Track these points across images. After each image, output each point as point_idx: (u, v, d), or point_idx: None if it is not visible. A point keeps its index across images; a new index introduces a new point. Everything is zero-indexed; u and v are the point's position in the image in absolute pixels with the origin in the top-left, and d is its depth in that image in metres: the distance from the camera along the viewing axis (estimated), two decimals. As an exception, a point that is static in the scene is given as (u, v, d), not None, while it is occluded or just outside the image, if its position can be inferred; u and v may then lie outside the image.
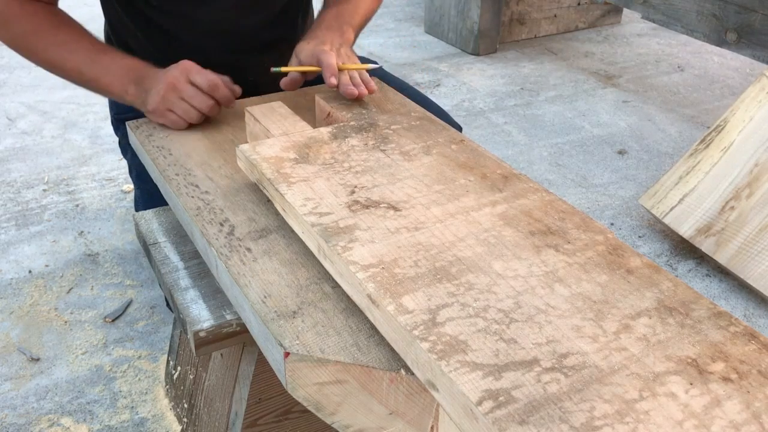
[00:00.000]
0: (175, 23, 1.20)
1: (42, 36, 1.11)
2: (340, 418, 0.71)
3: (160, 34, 1.23)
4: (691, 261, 1.76)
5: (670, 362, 0.61)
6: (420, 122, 1.02)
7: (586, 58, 3.03)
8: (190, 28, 1.21)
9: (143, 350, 1.46)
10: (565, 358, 0.61)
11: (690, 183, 1.74)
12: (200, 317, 0.88)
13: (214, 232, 0.85)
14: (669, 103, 2.62)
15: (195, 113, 1.06)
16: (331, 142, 0.95)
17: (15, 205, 1.93)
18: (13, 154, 2.18)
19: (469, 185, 0.86)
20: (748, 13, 2.04)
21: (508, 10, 3.08)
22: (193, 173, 0.98)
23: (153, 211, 1.08)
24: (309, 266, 0.80)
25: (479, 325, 0.65)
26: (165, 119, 1.07)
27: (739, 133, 1.72)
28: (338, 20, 1.20)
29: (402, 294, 0.68)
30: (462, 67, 2.90)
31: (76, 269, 1.68)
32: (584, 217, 0.81)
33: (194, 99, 1.05)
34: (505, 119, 2.47)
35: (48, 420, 1.30)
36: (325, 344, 0.69)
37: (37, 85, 2.63)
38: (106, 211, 1.91)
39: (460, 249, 0.75)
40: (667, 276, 0.72)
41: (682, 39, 3.23)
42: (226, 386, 1.06)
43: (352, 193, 0.84)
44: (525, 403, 0.57)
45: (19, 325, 1.51)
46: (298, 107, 1.15)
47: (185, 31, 1.21)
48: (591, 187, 2.07)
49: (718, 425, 0.56)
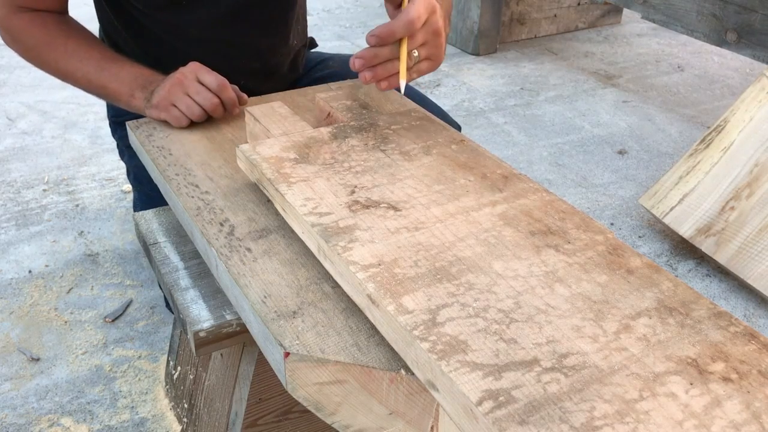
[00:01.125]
0: (166, 29, 1.20)
1: (53, 47, 1.11)
2: (340, 418, 0.71)
3: (151, 40, 1.22)
4: (691, 261, 1.76)
5: (670, 362, 0.61)
6: (420, 122, 1.02)
7: (586, 58, 3.03)
8: (180, 34, 1.20)
9: (143, 350, 1.46)
10: (565, 358, 0.61)
11: (690, 183, 1.74)
12: (200, 317, 0.88)
13: (214, 232, 0.85)
14: (669, 103, 2.62)
15: (198, 110, 1.05)
16: (331, 142, 0.95)
17: (15, 205, 1.93)
18: (13, 154, 2.18)
19: (469, 185, 0.86)
20: (748, 13, 2.04)
21: (508, 10, 3.08)
22: (193, 173, 0.98)
23: (153, 211, 1.07)
24: (309, 266, 0.80)
25: (479, 325, 0.65)
26: (168, 114, 1.06)
27: (739, 133, 1.72)
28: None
29: (402, 294, 0.68)
30: (462, 67, 2.90)
31: (76, 269, 1.68)
32: (584, 217, 0.81)
33: (199, 95, 1.05)
34: (505, 119, 2.47)
35: (48, 420, 1.30)
36: (325, 344, 0.69)
37: (37, 85, 2.63)
38: (106, 211, 1.91)
39: (460, 249, 0.75)
40: (667, 276, 0.72)
41: (682, 39, 3.23)
42: (226, 386, 1.06)
43: (352, 193, 0.84)
44: (525, 403, 0.57)
45: (19, 325, 1.51)
46: (298, 107, 1.15)
47: (176, 38, 1.21)
48: (591, 187, 2.07)
49: (718, 425, 0.56)
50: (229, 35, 1.21)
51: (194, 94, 1.04)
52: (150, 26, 1.19)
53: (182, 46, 1.21)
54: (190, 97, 1.05)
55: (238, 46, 1.23)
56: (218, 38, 1.21)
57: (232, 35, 1.22)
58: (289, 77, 1.37)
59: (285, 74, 1.35)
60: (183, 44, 1.21)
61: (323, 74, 1.38)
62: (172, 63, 1.09)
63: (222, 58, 1.23)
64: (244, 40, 1.23)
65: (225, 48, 1.23)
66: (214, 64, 1.22)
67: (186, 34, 1.19)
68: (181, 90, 1.05)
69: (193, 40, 1.20)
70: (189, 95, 1.05)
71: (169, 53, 1.21)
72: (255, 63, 1.27)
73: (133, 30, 1.21)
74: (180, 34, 1.19)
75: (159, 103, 1.06)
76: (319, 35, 3.07)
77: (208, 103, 1.05)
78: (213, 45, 1.22)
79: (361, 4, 3.63)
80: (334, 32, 3.28)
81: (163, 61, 1.21)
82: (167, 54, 1.21)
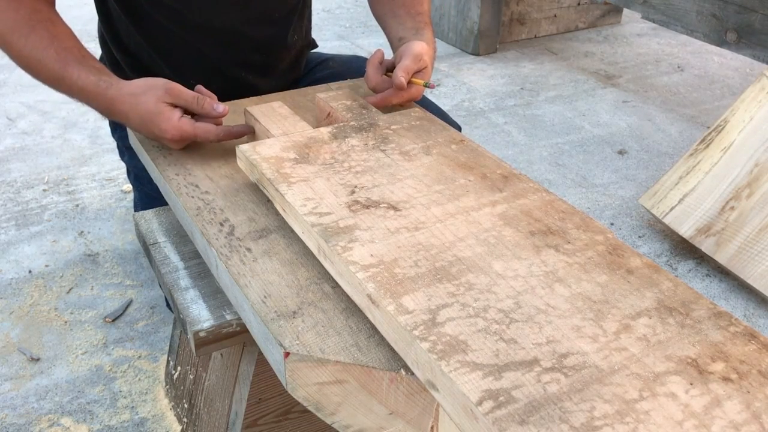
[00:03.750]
0: (168, 15, 1.20)
1: (16, 35, 1.03)
2: (340, 418, 0.71)
3: (153, 27, 1.22)
4: (691, 261, 1.76)
5: (670, 362, 0.61)
6: (420, 122, 1.02)
7: (586, 58, 3.03)
8: (181, 20, 1.20)
9: (143, 350, 1.46)
10: (565, 358, 0.61)
11: (690, 183, 1.74)
12: (200, 317, 0.88)
13: (214, 232, 0.85)
14: (669, 103, 2.62)
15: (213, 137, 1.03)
16: (331, 142, 0.95)
17: (15, 205, 1.93)
18: (13, 154, 2.18)
19: (469, 185, 0.86)
20: (748, 13, 2.04)
21: (508, 10, 3.08)
22: (193, 173, 0.98)
23: (153, 211, 1.07)
24: (309, 266, 0.80)
25: (479, 325, 0.65)
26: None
27: (739, 133, 1.72)
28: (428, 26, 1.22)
29: (402, 294, 0.68)
30: (462, 67, 2.90)
31: (76, 269, 1.68)
32: (584, 217, 0.81)
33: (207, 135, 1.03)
34: (505, 119, 2.47)
35: (48, 420, 1.30)
36: (325, 344, 0.69)
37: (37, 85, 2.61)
38: (106, 211, 1.91)
39: (460, 249, 0.75)
40: (667, 276, 0.72)
41: (682, 39, 3.23)
42: (226, 386, 1.06)
43: (352, 193, 0.84)
44: (525, 403, 0.57)
45: (19, 325, 1.51)
46: (298, 107, 1.15)
47: (177, 24, 1.21)
48: (591, 187, 2.07)
49: (718, 425, 0.56)
50: (230, 23, 1.21)
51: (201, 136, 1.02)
52: (152, 12, 1.19)
53: (184, 34, 1.21)
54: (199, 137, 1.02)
55: (238, 36, 1.23)
56: (219, 26, 1.21)
57: (233, 23, 1.22)
58: (289, 75, 1.37)
59: (285, 71, 1.36)
60: (184, 32, 1.20)
61: (324, 74, 1.38)
62: (174, 53, 1.08)
63: (223, 48, 1.23)
64: (244, 29, 1.23)
65: (226, 37, 1.23)
66: (214, 53, 1.22)
67: (188, 20, 1.19)
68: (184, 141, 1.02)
69: (194, 26, 1.20)
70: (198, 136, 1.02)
71: (171, 41, 1.21)
72: (255, 55, 1.27)
73: (135, 16, 1.21)
74: (182, 21, 1.19)
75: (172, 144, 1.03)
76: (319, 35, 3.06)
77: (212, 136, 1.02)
78: (214, 33, 1.22)
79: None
80: (334, 32, 3.28)
81: (164, 49, 1.22)
82: (168, 42, 1.21)
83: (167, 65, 1.23)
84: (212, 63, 1.25)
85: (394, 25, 1.23)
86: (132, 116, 0.99)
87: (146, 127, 0.99)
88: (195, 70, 1.23)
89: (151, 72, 1.18)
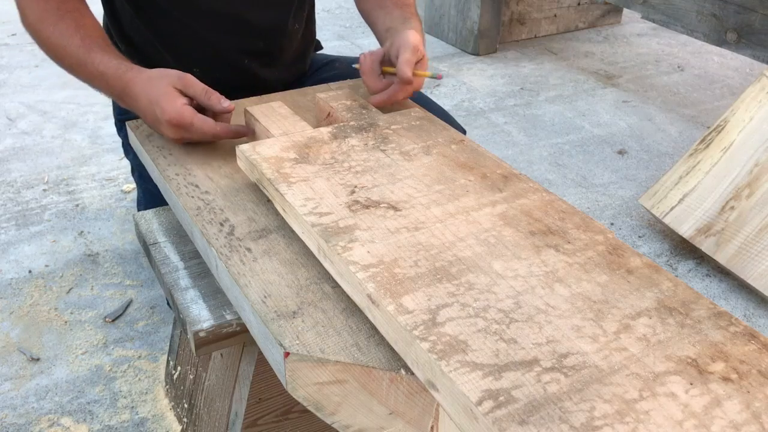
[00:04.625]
0: (172, 1, 1.20)
1: (45, 24, 1.09)
2: (340, 418, 0.71)
3: (157, 14, 1.22)
4: (691, 261, 1.76)
5: (670, 362, 0.61)
6: (420, 122, 1.02)
7: (586, 58, 3.03)
8: (185, 5, 1.21)
9: (143, 350, 1.46)
10: (565, 358, 0.61)
11: (690, 183, 1.74)
12: (200, 317, 0.88)
13: (214, 232, 0.85)
14: (669, 103, 2.62)
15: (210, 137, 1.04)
16: (331, 142, 0.95)
17: (15, 205, 1.93)
18: (13, 154, 2.18)
19: (469, 185, 0.86)
20: (748, 13, 2.04)
21: (508, 10, 3.08)
22: (193, 173, 0.98)
23: (153, 211, 1.07)
24: (309, 266, 0.80)
25: (479, 325, 0.65)
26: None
27: (739, 133, 1.72)
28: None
29: (402, 294, 0.68)
30: (462, 67, 2.90)
31: (76, 269, 1.68)
32: (584, 217, 0.81)
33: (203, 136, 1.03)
34: (505, 119, 2.47)
35: (48, 420, 1.30)
36: (325, 344, 0.69)
37: (37, 85, 2.63)
38: (106, 211, 1.91)
39: (460, 249, 0.75)
40: (667, 276, 0.72)
41: (682, 39, 3.23)
42: (226, 386, 1.06)
43: (352, 193, 0.84)
44: (525, 403, 0.57)
45: (19, 325, 1.51)
46: (298, 107, 1.15)
47: (181, 10, 1.21)
48: (591, 187, 2.07)
49: (718, 425, 0.56)
50: (231, 7, 1.22)
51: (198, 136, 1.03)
52: (158, 1, 1.20)
53: (186, 20, 1.21)
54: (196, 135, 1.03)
55: (239, 21, 1.24)
56: (220, 10, 1.22)
57: (234, 7, 1.22)
58: (293, 69, 1.38)
59: (289, 64, 1.36)
60: (188, 17, 1.21)
61: (329, 75, 1.38)
62: (175, 40, 1.08)
63: (225, 34, 1.24)
64: (245, 14, 1.24)
65: (228, 22, 1.23)
66: (217, 39, 1.23)
67: (190, 4, 1.20)
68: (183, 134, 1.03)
69: (196, 12, 1.21)
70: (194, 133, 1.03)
71: (174, 27, 1.22)
72: (257, 41, 1.28)
73: (138, 3, 1.21)
74: (184, 5, 1.20)
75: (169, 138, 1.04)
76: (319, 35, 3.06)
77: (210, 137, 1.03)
78: (215, 17, 1.22)
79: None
80: (334, 32, 3.28)
81: (168, 37, 1.22)
82: (171, 28, 1.22)
83: (171, 55, 1.25)
84: (215, 50, 1.25)
85: (381, 16, 1.23)
86: (141, 96, 1.02)
87: (151, 109, 1.01)
88: (198, 59, 1.24)
89: (155, 64, 1.19)
